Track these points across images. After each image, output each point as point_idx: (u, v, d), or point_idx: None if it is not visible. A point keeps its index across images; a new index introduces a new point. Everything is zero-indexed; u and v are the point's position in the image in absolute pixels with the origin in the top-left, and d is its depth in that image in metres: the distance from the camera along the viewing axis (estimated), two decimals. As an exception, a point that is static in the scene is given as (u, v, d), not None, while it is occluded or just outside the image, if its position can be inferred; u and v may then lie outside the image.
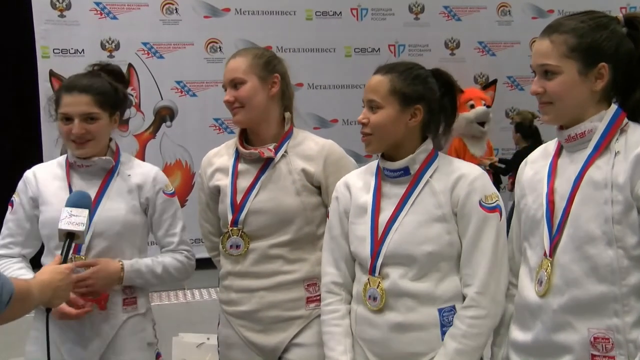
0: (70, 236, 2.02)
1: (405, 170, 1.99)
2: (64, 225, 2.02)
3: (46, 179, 2.35)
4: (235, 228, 2.30)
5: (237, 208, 2.30)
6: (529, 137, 6.85)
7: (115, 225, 2.28)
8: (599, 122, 1.74)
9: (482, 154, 6.88)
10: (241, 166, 2.35)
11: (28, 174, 2.40)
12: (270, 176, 2.30)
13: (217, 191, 2.38)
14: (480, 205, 1.93)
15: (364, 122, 2.00)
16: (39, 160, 6.47)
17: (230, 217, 2.31)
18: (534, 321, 1.77)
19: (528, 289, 1.80)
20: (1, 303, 1.63)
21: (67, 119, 2.25)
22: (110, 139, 2.39)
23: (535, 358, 1.78)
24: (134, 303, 2.33)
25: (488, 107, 7.19)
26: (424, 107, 2.00)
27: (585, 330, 1.67)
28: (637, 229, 1.64)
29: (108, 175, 2.32)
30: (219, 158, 2.42)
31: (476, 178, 1.96)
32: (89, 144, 2.27)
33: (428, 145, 2.03)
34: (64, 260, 1.99)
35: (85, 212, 2.05)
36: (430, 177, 1.98)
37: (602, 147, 1.72)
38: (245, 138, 2.38)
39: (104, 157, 2.30)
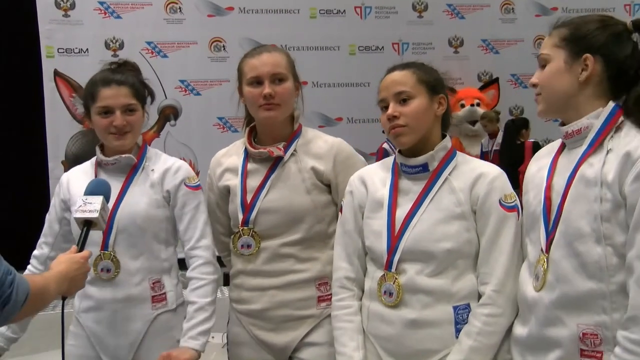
0: (87, 224, 2.02)
1: (424, 167, 1.99)
2: (77, 213, 2.02)
3: (77, 181, 2.35)
4: (246, 228, 2.29)
5: (247, 208, 2.29)
6: None
7: (136, 219, 2.26)
8: (595, 119, 1.74)
9: (478, 153, 6.88)
10: (250, 166, 2.33)
11: (63, 176, 2.44)
12: (280, 175, 2.29)
13: (227, 191, 2.37)
14: (500, 204, 1.93)
15: (395, 114, 1.97)
16: (43, 159, 6.53)
17: (240, 216, 2.30)
18: (530, 315, 1.79)
19: (527, 284, 1.81)
20: (17, 303, 1.63)
21: (107, 112, 2.28)
22: None
23: (529, 351, 1.80)
24: (164, 299, 2.31)
25: (478, 105, 7.24)
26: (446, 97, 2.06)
27: (575, 325, 1.67)
28: (625, 227, 1.63)
29: (132, 170, 2.34)
30: (227, 158, 2.41)
31: (496, 177, 1.96)
32: (128, 135, 2.30)
33: (447, 142, 2.03)
34: (81, 249, 1.98)
35: (100, 198, 2.03)
36: (449, 174, 1.98)
37: (596, 144, 1.72)
38: (254, 137, 2.38)
39: (124, 155, 2.31)
